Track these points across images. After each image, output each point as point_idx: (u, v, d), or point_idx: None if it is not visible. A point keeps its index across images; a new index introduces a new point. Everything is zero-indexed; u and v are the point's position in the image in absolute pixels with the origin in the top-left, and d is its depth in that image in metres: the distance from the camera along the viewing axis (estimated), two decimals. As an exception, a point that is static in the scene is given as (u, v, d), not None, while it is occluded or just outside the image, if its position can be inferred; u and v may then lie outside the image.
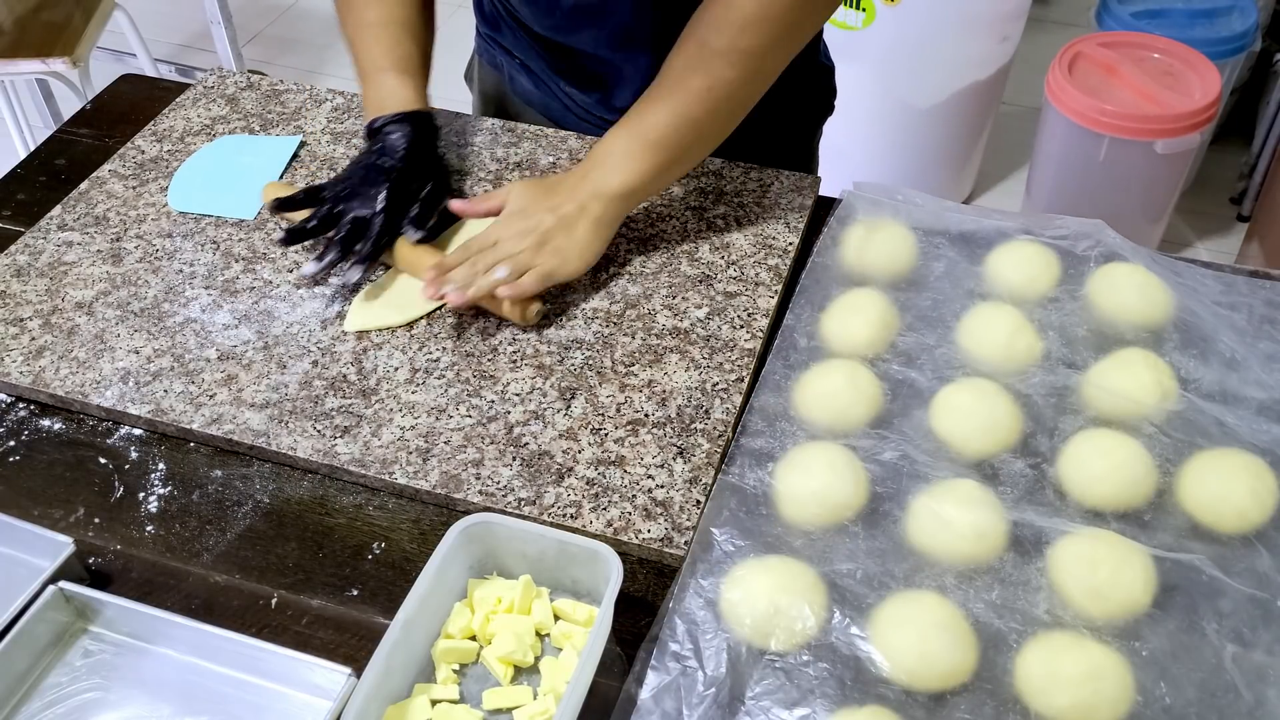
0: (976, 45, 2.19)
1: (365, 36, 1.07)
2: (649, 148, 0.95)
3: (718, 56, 0.92)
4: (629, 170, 0.95)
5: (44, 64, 2.11)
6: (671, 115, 0.94)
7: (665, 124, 0.95)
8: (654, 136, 0.95)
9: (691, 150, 0.98)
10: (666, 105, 0.95)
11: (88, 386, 0.92)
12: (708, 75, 0.93)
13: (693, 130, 0.95)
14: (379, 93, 1.04)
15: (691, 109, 0.94)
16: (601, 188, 0.95)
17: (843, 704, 0.69)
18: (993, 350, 0.89)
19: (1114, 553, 0.74)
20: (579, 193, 0.96)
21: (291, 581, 0.81)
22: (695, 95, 0.94)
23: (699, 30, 0.93)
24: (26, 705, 0.74)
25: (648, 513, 0.82)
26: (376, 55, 1.06)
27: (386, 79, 1.04)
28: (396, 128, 1.02)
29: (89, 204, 1.10)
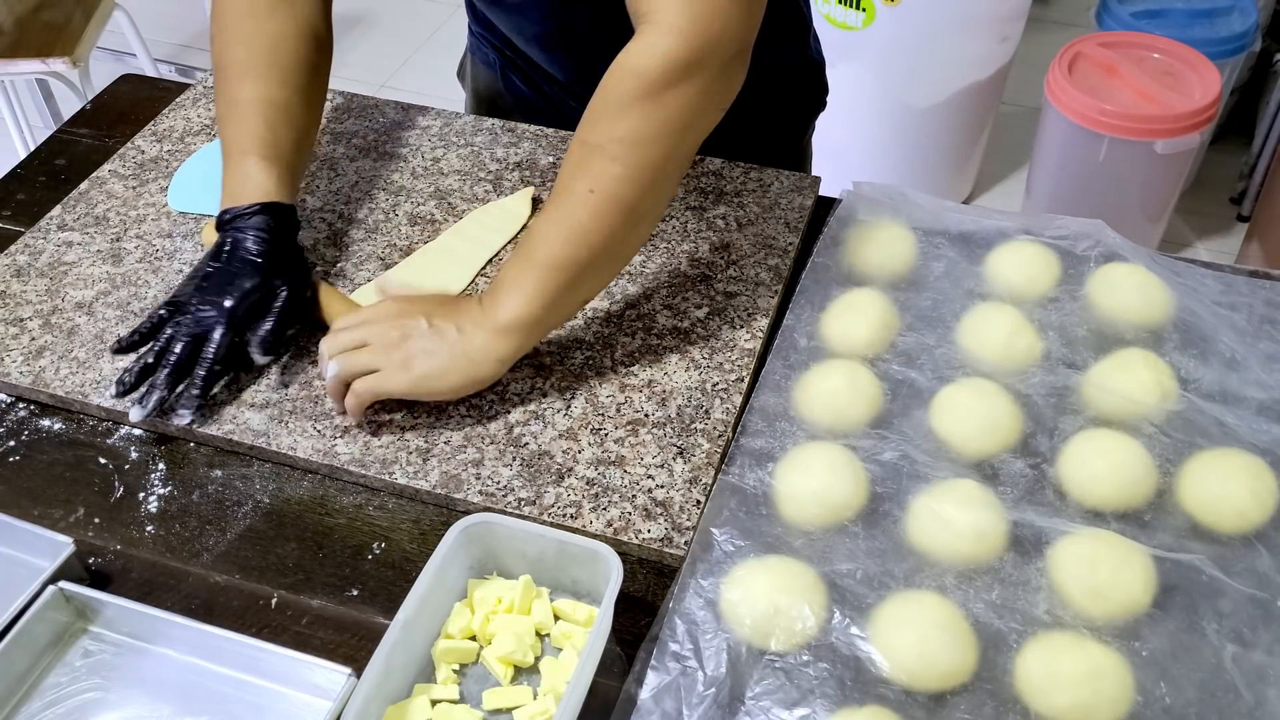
0: (976, 45, 2.19)
1: (232, 116, 0.96)
2: (538, 270, 0.84)
3: (596, 151, 0.82)
4: (520, 299, 0.84)
5: (44, 64, 2.11)
6: (558, 229, 0.83)
7: (553, 241, 0.83)
8: (542, 257, 0.84)
9: (588, 267, 0.85)
10: (552, 219, 0.84)
11: (88, 386, 0.92)
12: (588, 176, 0.82)
13: (583, 243, 0.83)
14: (236, 178, 0.94)
15: (578, 218, 0.83)
16: (492, 320, 0.84)
17: (843, 704, 0.69)
18: (993, 350, 0.89)
19: (1114, 553, 0.74)
20: (465, 320, 0.85)
21: (291, 581, 0.81)
22: (579, 201, 0.82)
23: (580, 131, 0.84)
24: (26, 705, 0.74)
25: (648, 513, 0.82)
26: (241, 137, 0.95)
27: (247, 163, 0.94)
28: (246, 222, 0.92)
29: (89, 204, 1.10)
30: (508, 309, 0.84)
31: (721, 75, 0.83)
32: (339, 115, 1.20)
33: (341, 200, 1.10)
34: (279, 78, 0.97)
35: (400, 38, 3.16)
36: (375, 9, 3.27)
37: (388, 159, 1.14)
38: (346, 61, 3.08)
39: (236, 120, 0.96)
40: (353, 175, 1.13)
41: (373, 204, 1.09)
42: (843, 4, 2.12)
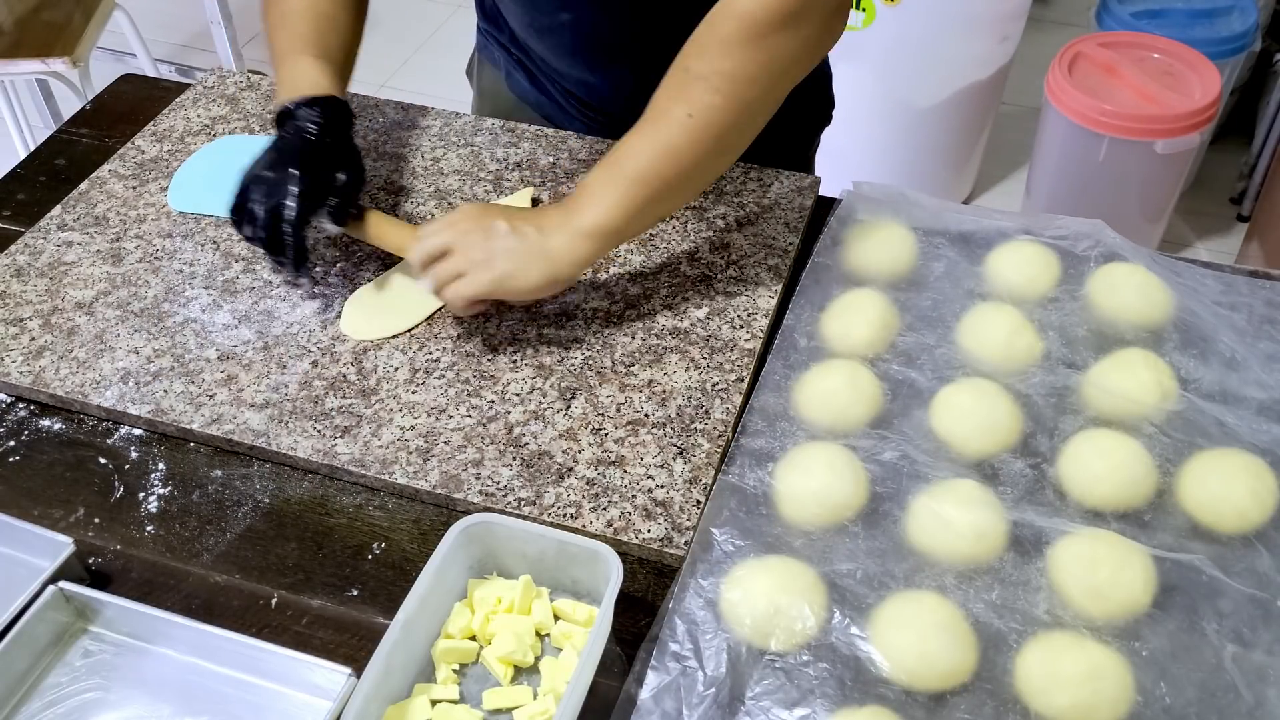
0: (976, 45, 2.19)
1: (286, 23, 1.02)
2: (626, 182, 0.88)
3: (699, 81, 0.86)
4: (604, 206, 0.88)
5: (44, 64, 2.11)
6: (651, 146, 0.88)
7: (644, 156, 0.88)
8: (631, 170, 0.88)
9: (674, 186, 0.90)
10: (646, 136, 0.88)
11: (88, 386, 0.92)
12: (688, 102, 0.86)
13: (674, 162, 0.88)
14: (292, 75, 0.99)
15: (672, 139, 0.87)
16: (574, 223, 0.88)
17: (843, 704, 0.69)
18: (993, 350, 0.89)
19: (1114, 553, 0.74)
20: (547, 222, 0.89)
21: (291, 581, 0.81)
22: (676, 124, 0.87)
23: (682, 57, 0.88)
24: (26, 705, 0.74)
25: (648, 513, 0.82)
26: (294, 39, 1.01)
27: (301, 61, 0.99)
28: (308, 111, 0.96)
29: (89, 204, 1.10)
30: (591, 215, 0.88)
31: (824, 26, 0.87)
32: (339, 115, 1.20)
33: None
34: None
35: (400, 38, 3.16)
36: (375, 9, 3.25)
37: (388, 159, 1.14)
38: (346, 61, 3.07)
39: (287, 27, 1.01)
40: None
41: (372, 204, 1.09)
42: (843, 4, 2.11)
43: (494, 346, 0.95)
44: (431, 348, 0.95)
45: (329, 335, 0.96)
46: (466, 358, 0.94)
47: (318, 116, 0.96)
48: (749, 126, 0.90)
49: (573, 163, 1.12)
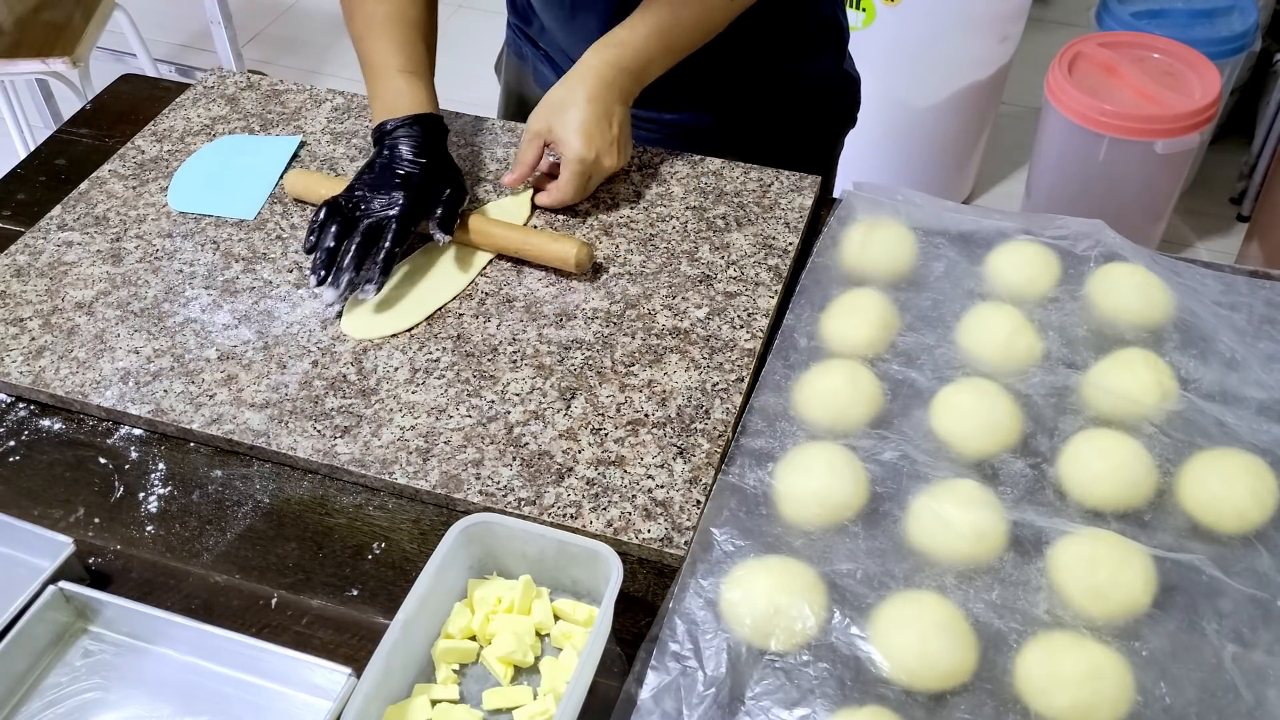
0: (976, 45, 2.19)
1: (374, 33, 1.05)
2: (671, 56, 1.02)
3: None
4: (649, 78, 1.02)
5: (44, 64, 2.11)
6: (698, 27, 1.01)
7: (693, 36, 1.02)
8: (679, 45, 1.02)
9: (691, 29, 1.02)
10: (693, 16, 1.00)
11: (88, 386, 0.92)
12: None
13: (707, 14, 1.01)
14: (388, 93, 1.04)
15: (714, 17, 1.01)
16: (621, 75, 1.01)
17: (843, 704, 0.69)
18: (993, 350, 0.89)
19: (1114, 553, 0.74)
20: (614, 88, 1.01)
21: (291, 581, 0.81)
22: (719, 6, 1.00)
23: None
24: (26, 705, 0.74)
25: (648, 513, 0.82)
26: (386, 53, 1.05)
27: (396, 80, 1.04)
28: (407, 131, 1.01)
29: (89, 204, 1.10)
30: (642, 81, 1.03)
31: None
32: (339, 115, 1.20)
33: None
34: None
35: (400, 38, 3.16)
36: (375, 9, 3.27)
37: (388, 159, 1.14)
38: (346, 61, 3.08)
39: (377, 36, 1.05)
40: (353, 175, 1.12)
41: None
42: (843, 4, 2.12)
43: (494, 346, 0.95)
44: (431, 348, 0.95)
45: (329, 335, 0.96)
46: (466, 358, 0.94)
47: (417, 135, 1.01)
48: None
49: (573, 163, 1.12)
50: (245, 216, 1.08)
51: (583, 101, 1.00)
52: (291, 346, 0.95)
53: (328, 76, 2.98)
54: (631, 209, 1.07)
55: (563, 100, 1.01)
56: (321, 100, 1.23)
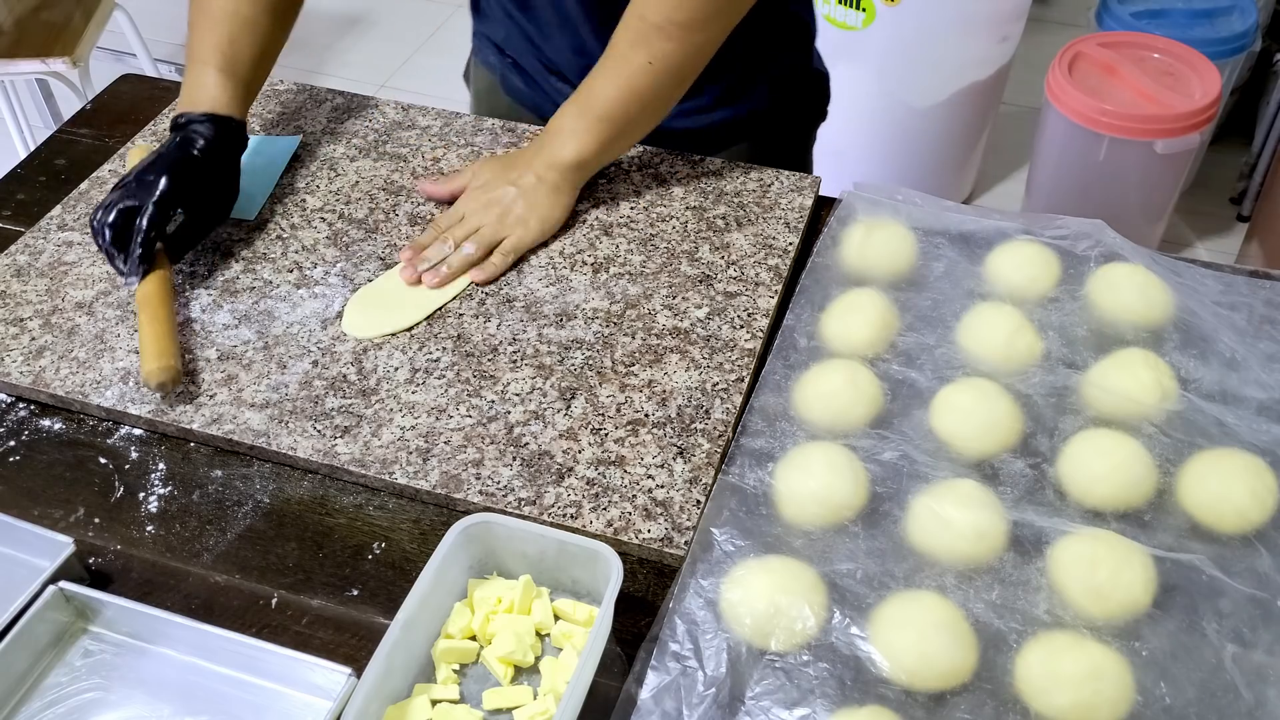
0: (976, 45, 2.19)
1: (202, 26, 1.03)
2: (597, 121, 1.00)
3: (656, 31, 0.96)
4: (579, 142, 1.01)
5: (44, 64, 2.11)
6: (616, 90, 0.99)
7: (611, 98, 1.00)
8: (601, 110, 1.00)
9: (638, 121, 1.02)
10: (611, 80, 0.99)
11: (88, 386, 0.92)
12: (648, 50, 0.97)
13: (637, 102, 1.00)
14: (192, 87, 1.02)
15: (635, 82, 0.99)
16: (555, 158, 1.01)
17: (843, 704, 0.69)
18: (993, 350, 0.89)
19: (1114, 553, 0.74)
20: (535, 164, 1.02)
21: (291, 581, 0.81)
22: (638, 69, 0.98)
23: (637, 6, 0.97)
24: (26, 705, 0.74)
25: (648, 513, 0.82)
26: (206, 48, 1.02)
27: (206, 74, 1.02)
28: (198, 129, 0.99)
29: (89, 204, 1.10)
30: (571, 149, 1.01)
31: None
32: (339, 115, 1.20)
33: (342, 200, 1.10)
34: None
35: (400, 38, 3.16)
36: (375, 9, 3.27)
37: (388, 159, 1.14)
38: (346, 61, 3.08)
39: (204, 29, 1.03)
40: (353, 175, 1.13)
41: (373, 204, 1.09)
42: (843, 4, 2.12)
43: (494, 346, 0.95)
44: (431, 348, 0.95)
45: (329, 335, 0.96)
46: (466, 358, 0.94)
47: (207, 135, 0.99)
48: (701, 62, 1.01)
49: (573, 163, 1.12)
50: (245, 216, 1.08)
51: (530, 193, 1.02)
52: (291, 346, 0.95)
53: (328, 76, 2.98)
54: (631, 209, 1.07)
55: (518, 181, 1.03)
56: (321, 100, 1.23)
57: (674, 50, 0.97)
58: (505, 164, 1.05)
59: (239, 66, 1.03)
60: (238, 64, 1.03)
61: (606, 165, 1.07)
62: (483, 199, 1.03)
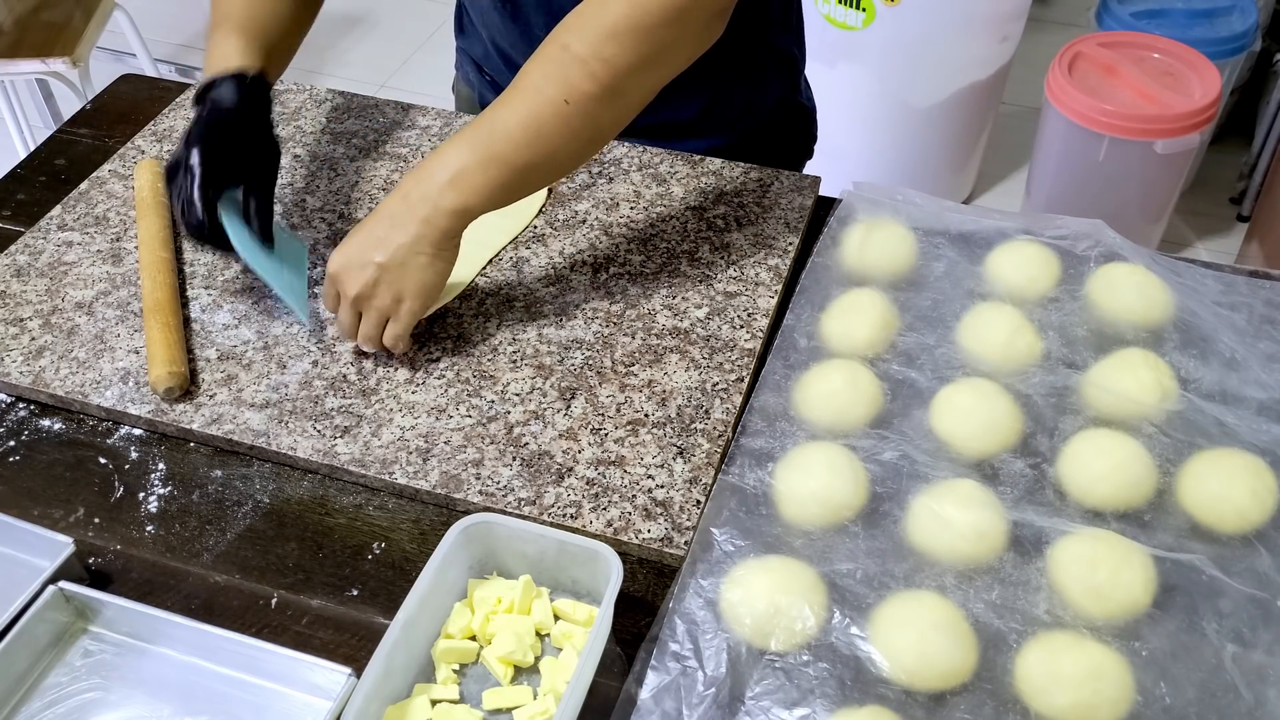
0: (976, 45, 2.19)
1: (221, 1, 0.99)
2: (492, 161, 0.85)
3: (578, 64, 0.83)
4: (467, 186, 0.86)
5: (44, 64, 2.11)
6: (524, 130, 0.85)
7: (514, 138, 0.85)
8: (499, 148, 0.85)
9: (539, 169, 0.88)
10: (518, 114, 0.85)
11: (88, 386, 0.92)
12: (566, 85, 0.84)
13: (542, 146, 0.85)
14: (214, 56, 0.97)
15: (545, 123, 0.85)
16: (436, 207, 0.86)
17: (843, 704, 0.69)
18: (993, 350, 0.89)
19: (1114, 553, 0.74)
20: (409, 219, 0.87)
21: (291, 581, 0.81)
22: (550, 107, 0.84)
23: (562, 30, 0.85)
24: (26, 705, 0.74)
25: (648, 513, 0.82)
26: (223, 14, 0.98)
27: (226, 41, 0.97)
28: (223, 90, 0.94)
29: (89, 204, 1.10)
30: (456, 194, 0.86)
31: (706, 25, 0.87)
32: (339, 115, 1.20)
33: (341, 200, 1.10)
34: None
35: (400, 38, 3.16)
36: (375, 9, 3.27)
37: (388, 159, 1.14)
38: (346, 61, 3.08)
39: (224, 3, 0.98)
40: (353, 175, 1.13)
41: (373, 204, 1.09)
42: (843, 4, 2.12)
43: (494, 346, 0.95)
44: (431, 348, 0.95)
45: (329, 335, 0.96)
46: (466, 358, 0.94)
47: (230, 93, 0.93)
48: (622, 117, 0.88)
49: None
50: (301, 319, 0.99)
51: None
52: (291, 346, 0.95)
53: (327, 76, 2.98)
54: (631, 209, 1.07)
55: None
56: (321, 100, 1.23)
57: (595, 94, 0.84)
58: (368, 233, 0.88)
59: (258, 30, 0.98)
60: (256, 27, 0.98)
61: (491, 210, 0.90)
62: (358, 281, 0.88)
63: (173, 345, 0.92)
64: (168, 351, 0.91)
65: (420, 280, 0.88)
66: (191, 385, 0.92)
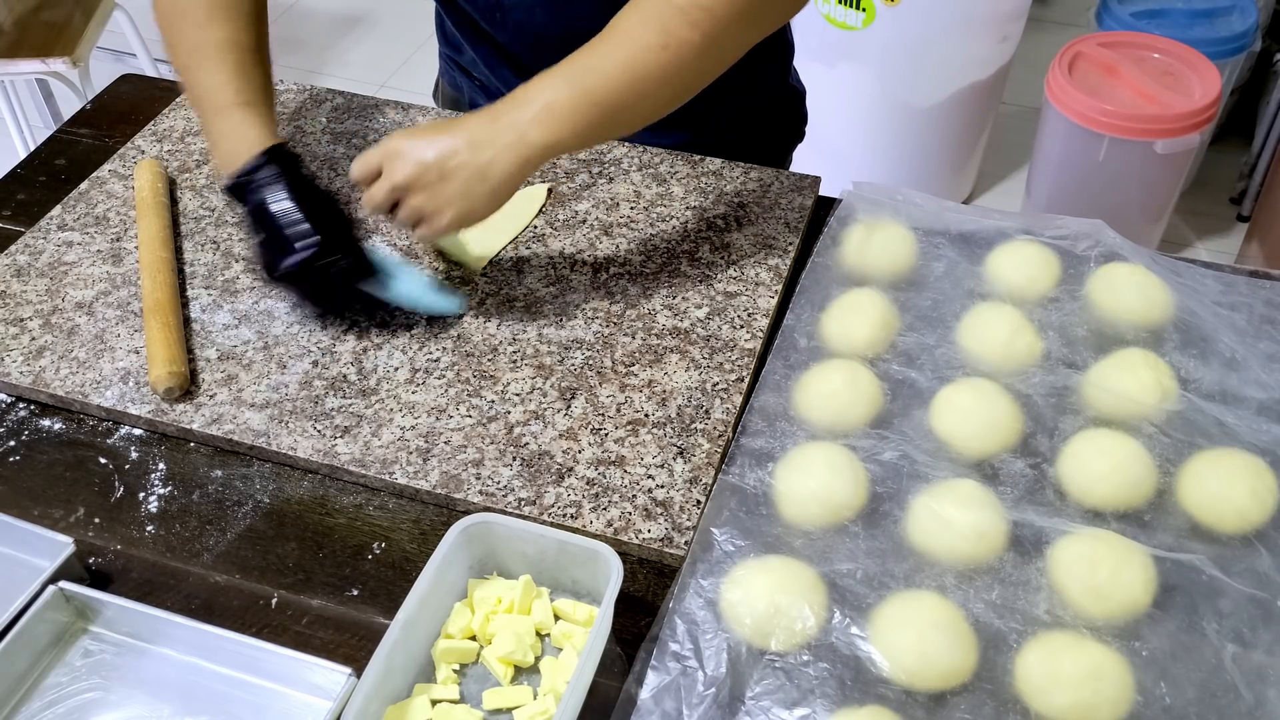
0: (976, 45, 2.19)
1: (205, 64, 0.94)
2: (587, 103, 0.84)
3: (678, 12, 0.82)
4: (559, 125, 0.84)
5: (44, 64, 2.11)
6: (619, 70, 0.84)
7: (611, 78, 0.84)
8: (596, 92, 0.84)
9: (632, 114, 0.86)
10: (614, 58, 0.84)
11: (88, 386, 0.92)
12: (664, 32, 0.83)
13: (637, 91, 0.84)
14: (230, 138, 0.93)
15: (643, 68, 0.84)
16: (522, 136, 0.84)
17: (843, 704, 0.69)
18: (993, 350, 0.89)
19: (1114, 553, 0.74)
20: (490, 141, 0.84)
21: (291, 581, 0.81)
22: (649, 52, 0.83)
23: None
24: (26, 705, 0.74)
25: (648, 513, 0.82)
26: (219, 87, 0.93)
27: (232, 118, 0.93)
28: (264, 174, 0.91)
29: (89, 204, 1.10)
30: (547, 131, 0.84)
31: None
32: (339, 115, 1.20)
33: (341, 200, 1.10)
34: (243, 21, 0.96)
35: (400, 38, 3.16)
36: (375, 9, 3.27)
37: (388, 159, 1.14)
38: (346, 61, 3.07)
39: (209, 69, 0.94)
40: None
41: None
42: (843, 4, 2.12)
43: (494, 346, 0.95)
44: (431, 348, 0.95)
45: (329, 335, 0.96)
46: (466, 358, 0.94)
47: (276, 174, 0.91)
48: (717, 66, 0.87)
49: (572, 162, 1.12)
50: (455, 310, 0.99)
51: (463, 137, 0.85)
52: (291, 346, 0.95)
53: (327, 76, 2.98)
54: (631, 209, 1.07)
55: None
56: (321, 100, 1.23)
57: (694, 41, 0.83)
58: (442, 137, 0.86)
59: (259, 96, 0.95)
60: (260, 94, 0.95)
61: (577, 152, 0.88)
62: (429, 174, 0.86)
63: (173, 345, 0.92)
64: (168, 351, 0.91)
65: (471, 204, 0.86)
66: (191, 385, 0.92)
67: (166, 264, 1.00)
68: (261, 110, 0.94)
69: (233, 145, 0.92)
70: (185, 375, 0.91)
